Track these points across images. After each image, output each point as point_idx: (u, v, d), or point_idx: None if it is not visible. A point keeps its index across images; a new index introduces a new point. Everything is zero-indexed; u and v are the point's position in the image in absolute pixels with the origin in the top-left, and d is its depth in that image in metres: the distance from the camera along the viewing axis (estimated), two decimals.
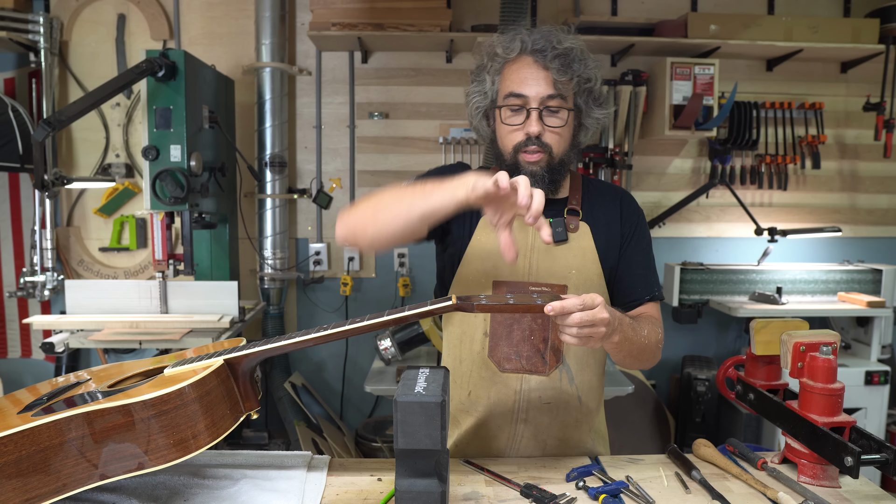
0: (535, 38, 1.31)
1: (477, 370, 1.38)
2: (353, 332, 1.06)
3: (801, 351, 1.24)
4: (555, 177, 1.35)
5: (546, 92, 1.30)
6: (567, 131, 1.35)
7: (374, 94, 3.22)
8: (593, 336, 1.06)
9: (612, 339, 1.11)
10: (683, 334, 3.38)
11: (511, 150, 1.35)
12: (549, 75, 1.29)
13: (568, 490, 1.16)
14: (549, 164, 1.33)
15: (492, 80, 1.36)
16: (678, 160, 3.32)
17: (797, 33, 3.02)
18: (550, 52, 1.29)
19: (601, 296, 1.07)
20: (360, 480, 1.20)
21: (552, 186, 1.36)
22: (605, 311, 1.06)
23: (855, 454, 1.09)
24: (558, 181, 1.38)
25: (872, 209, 3.42)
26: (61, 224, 3.17)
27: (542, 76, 1.30)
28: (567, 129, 1.34)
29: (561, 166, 1.36)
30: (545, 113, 1.31)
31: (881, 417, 2.92)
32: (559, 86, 1.29)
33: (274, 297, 3.17)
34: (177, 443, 0.96)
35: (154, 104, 2.36)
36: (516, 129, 1.33)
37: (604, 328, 1.06)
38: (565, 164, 1.38)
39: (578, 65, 1.31)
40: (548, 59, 1.29)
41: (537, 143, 1.31)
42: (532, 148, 1.32)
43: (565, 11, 3.15)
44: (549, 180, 1.34)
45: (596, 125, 1.42)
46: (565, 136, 1.35)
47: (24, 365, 3.27)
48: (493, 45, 1.36)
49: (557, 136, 1.33)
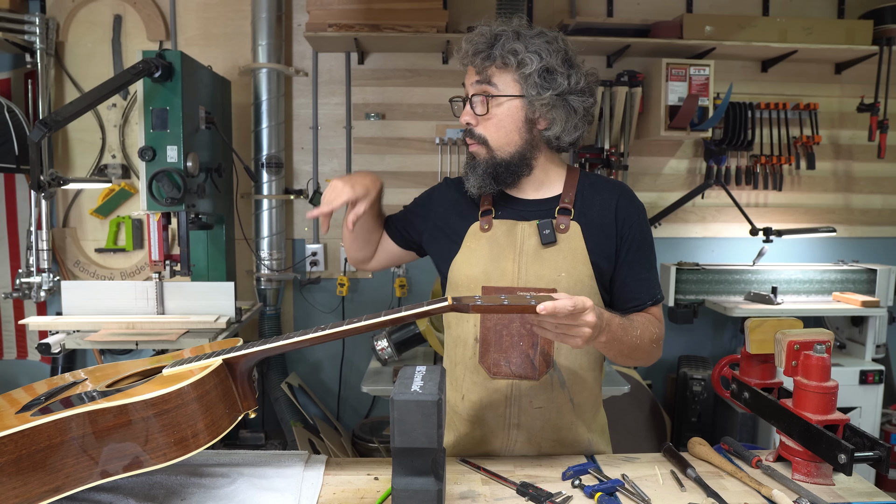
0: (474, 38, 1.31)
1: (470, 375, 1.38)
2: (350, 332, 1.06)
3: (795, 349, 1.25)
4: (498, 171, 1.32)
5: (473, 80, 1.32)
6: (506, 118, 1.30)
7: (370, 95, 3.23)
8: (579, 337, 1.08)
9: (598, 339, 1.13)
10: (679, 334, 3.39)
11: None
12: (474, 69, 1.32)
13: (564, 488, 1.17)
14: (489, 156, 1.33)
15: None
16: (674, 161, 3.34)
17: (792, 34, 3.03)
18: (476, 46, 1.30)
19: (591, 296, 1.08)
20: (357, 479, 1.20)
21: (497, 183, 1.33)
22: (593, 314, 1.07)
23: (848, 452, 1.10)
24: (505, 177, 1.33)
25: (867, 209, 3.43)
26: (57, 225, 3.17)
27: (472, 71, 1.33)
28: (504, 115, 1.30)
29: (509, 161, 1.32)
30: (474, 103, 1.31)
31: (876, 416, 2.93)
32: (481, 70, 1.30)
33: (271, 297, 3.17)
34: (177, 441, 0.96)
35: (150, 105, 2.36)
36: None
37: (589, 330, 1.07)
38: (516, 159, 1.32)
39: (504, 46, 1.26)
40: (475, 56, 1.30)
41: (469, 134, 1.34)
42: (468, 139, 1.35)
43: (561, 13, 3.16)
44: (490, 174, 1.32)
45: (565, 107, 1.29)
46: (505, 122, 1.30)
47: (20, 366, 3.27)
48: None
49: (492, 124, 1.31)
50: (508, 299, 1.04)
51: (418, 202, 1.53)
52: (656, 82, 3.02)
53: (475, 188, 1.35)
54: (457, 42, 3.00)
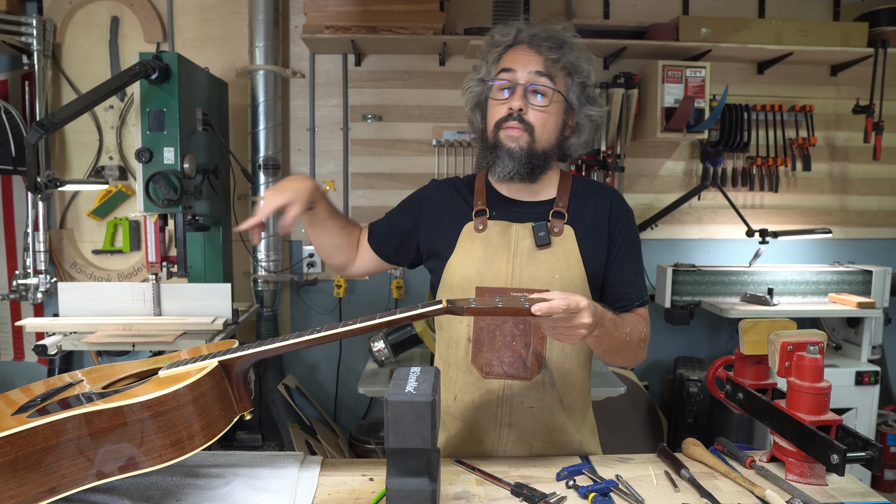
0: (533, 28, 1.35)
1: (462, 375, 1.39)
2: (346, 334, 1.07)
3: (788, 350, 1.26)
4: (534, 161, 1.34)
5: (535, 69, 1.32)
6: (553, 116, 1.34)
7: (367, 97, 3.23)
8: (575, 335, 1.09)
9: (592, 333, 1.13)
10: (676, 335, 3.39)
11: (493, 127, 1.35)
12: (541, 58, 1.32)
13: (558, 489, 1.17)
14: (529, 145, 1.32)
15: (489, 68, 1.39)
16: (670, 162, 3.35)
17: (787, 37, 3.04)
18: (545, 40, 1.32)
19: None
20: (352, 480, 1.21)
21: (529, 173, 1.34)
22: (589, 314, 1.07)
23: (841, 452, 1.11)
24: (536, 170, 1.35)
25: (862, 211, 3.45)
26: (54, 226, 3.17)
27: (532, 58, 1.32)
28: (553, 112, 1.34)
29: (544, 155, 1.35)
30: (531, 92, 1.32)
31: (871, 417, 2.94)
32: (549, 66, 1.31)
33: (268, 299, 3.17)
34: (173, 443, 0.97)
35: (147, 107, 2.36)
36: (501, 104, 1.34)
37: (584, 331, 1.08)
38: (548, 155, 1.36)
39: (570, 53, 1.33)
40: (541, 45, 1.32)
41: (518, 118, 1.32)
42: (512, 123, 1.32)
43: (558, 14, 3.17)
44: (527, 163, 1.33)
45: (589, 125, 1.40)
46: (551, 120, 1.34)
47: (17, 367, 3.27)
48: (492, 34, 1.39)
49: (543, 115, 1.33)
50: (503, 301, 1.05)
51: (407, 206, 1.52)
52: (653, 84, 3.03)
53: (506, 172, 1.34)
54: (453, 44, 3.03)
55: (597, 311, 1.12)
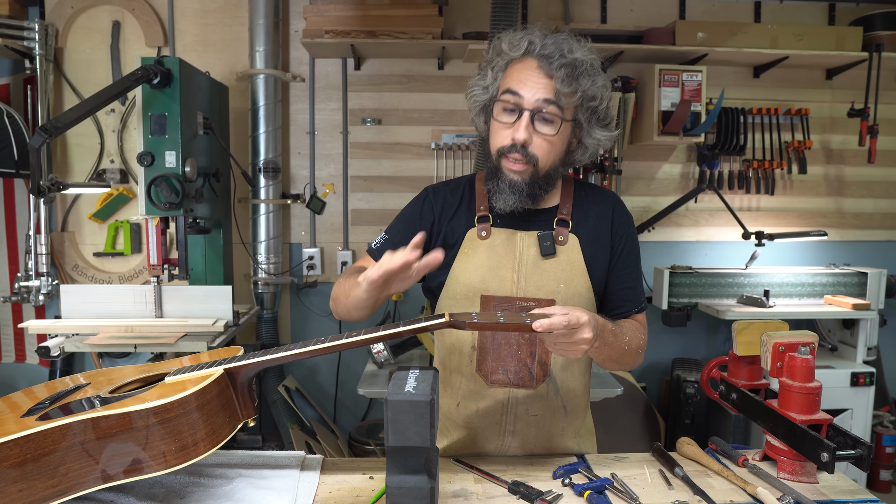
0: (546, 42, 1.25)
1: (466, 382, 1.39)
2: (348, 346, 1.09)
3: (780, 351, 1.28)
4: (536, 190, 1.30)
5: (543, 96, 1.24)
6: (559, 143, 1.29)
7: (366, 101, 3.26)
8: (575, 350, 1.09)
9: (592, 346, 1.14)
10: (673, 337, 3.42)
11: (496, 153, 1.30)
12: (552, 83, 1.24)
13: (554, 487, 1.19)
14: (532, 175, 1.28)
15: (494, 76, 1.32)
16: (667, 165, 3.37)
17: (783, 41, 3.07)
18: (557, 60, 1.23)
19: (589, 308, 1.08)
20: (353, 479, 1.23)
21: (530, 199, 1.31)
22: (590, 329, 1.07)
23: (830, 450, 1.13)
24: (539, 194, 1.32)
25: (858, 213, 3.47)
26: (56, 229, 3.19)
27: (543, 81, 1.24)
28: (559, 140, 1.28)
29: (546, 180, 1.31)
30: (538, 119, 1.25)
31: (867, 418, 2.96)
32: (560, 95, 1.24)
33: (268, 301, 3.19)
34: (178, 449, 0.99)
35: (149, 111, 2.39)
36: (505, 128, 1.28)
37: (586, 346, 1.08)
38: (551, 178, 1.32)
39: (586, 80, 1.26)
40: (553, 67, 1.23)
41: (522, 151, 1.26)
42: (516, 156, 1.26)
43: (556, 19, 3.20)
44: (528, 193, 1.29)
45: (596, 146, 1.35)
46: (556, 148, 1.29)
47: (19, 369, 3.28)
48: (500, 41, 1.31)
49: (548, 145, 1.27)
50: (504, 317, 1.06)
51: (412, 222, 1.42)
52: (649, 88, 3.06)
53: (507, 206, 1.30)
54: (452, 48, 3.05)
55: (597, 324, 1.12)
